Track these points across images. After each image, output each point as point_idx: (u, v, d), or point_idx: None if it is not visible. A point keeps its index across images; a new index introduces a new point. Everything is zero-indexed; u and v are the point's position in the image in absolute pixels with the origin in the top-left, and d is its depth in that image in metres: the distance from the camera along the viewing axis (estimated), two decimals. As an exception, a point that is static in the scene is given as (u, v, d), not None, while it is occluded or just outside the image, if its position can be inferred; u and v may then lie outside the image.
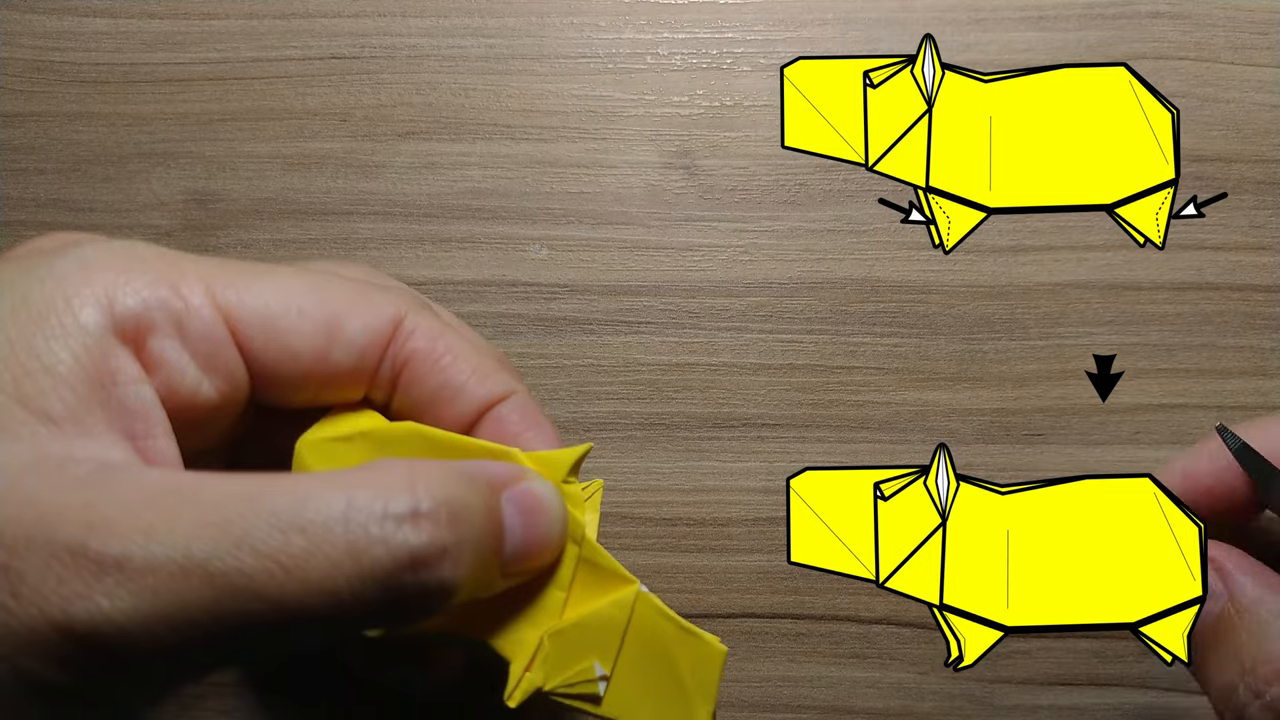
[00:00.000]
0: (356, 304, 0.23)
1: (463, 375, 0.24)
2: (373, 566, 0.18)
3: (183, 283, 0.21)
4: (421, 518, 0.18)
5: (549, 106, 0.34)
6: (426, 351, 0.24)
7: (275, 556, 0.18)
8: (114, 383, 0.20)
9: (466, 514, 0.19)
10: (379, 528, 0.18)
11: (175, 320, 0.21)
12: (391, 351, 0.24)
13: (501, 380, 0.25)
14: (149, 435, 0.20)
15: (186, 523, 0.18)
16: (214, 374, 0.22)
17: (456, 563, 0.19)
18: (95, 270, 0.21)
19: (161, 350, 0.21)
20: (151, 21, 0.35)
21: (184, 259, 0.22)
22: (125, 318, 0.20)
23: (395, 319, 0.24)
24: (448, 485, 0.19)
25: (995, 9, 0.35)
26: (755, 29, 0.35)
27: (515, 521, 0.21)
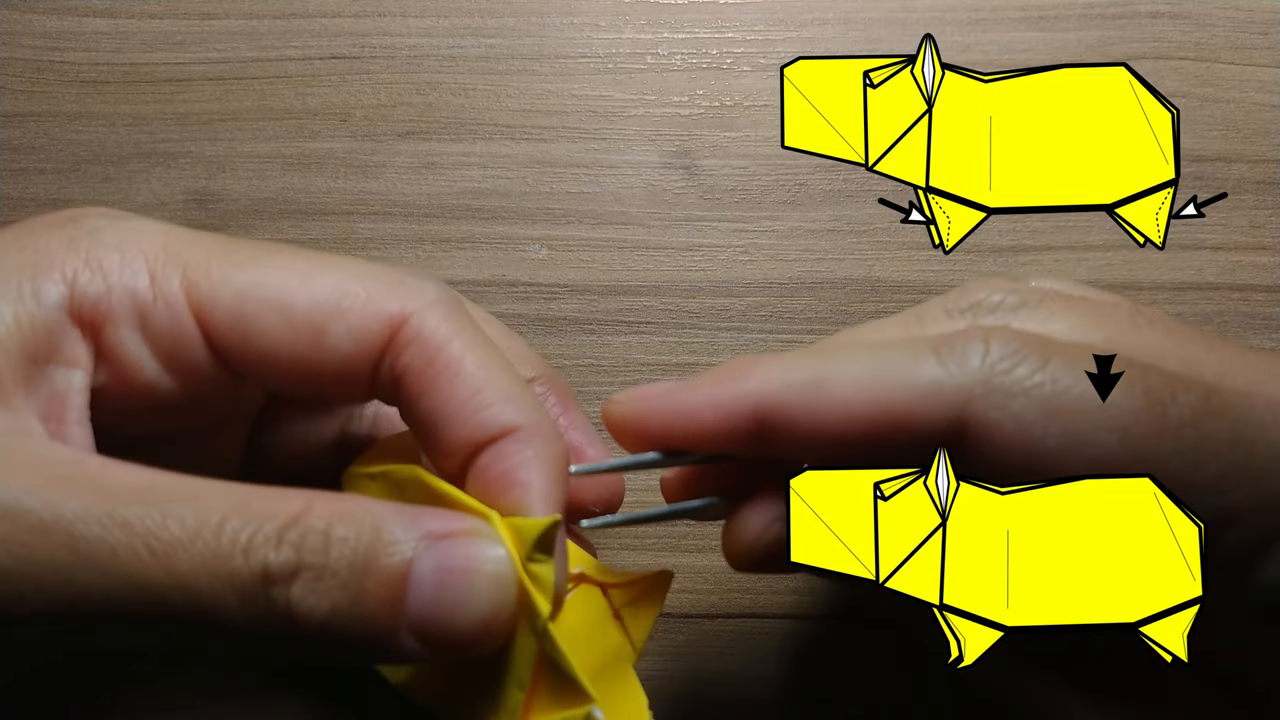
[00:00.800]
0: (349, 304, 0.21)
1: (458, 400, 0.21)
2: (231, 573, 0.17)
3: (161, 270, 0.21)
4: (286, 540, 0.18)
5: (549, 106, 0.34)
6: (420, 368, 0.21)
7: (145, 538, 0.17)
8: (46, 360, 0.20)
9: (341, 545, 0.18)
10: (247, 538, 0.18)
11: (138, 310, 0.21)
12: (388, 360, 0.21)
13: (507, 410, 0.21)
14: (62, 420, 0.20)
15: (66, 487, 0.17)
16: (175, 369, 0.21)
17: (311, 588, 0.18)
18: (77, 247, 0.20)
19: (118, 340, 0.21)
20: (151, 21, 0.35)
21: (183, 239, 0.21)
22: (85, 300, 0.20)
23: (394, 323, 0.21)
24: (335, 517, 0.18)
25: (995, 9, 0.35)
26: (755, 29, 0.35)
27: (429, 576, 0.19)
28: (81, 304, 0.20)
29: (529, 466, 0.21)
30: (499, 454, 0.21)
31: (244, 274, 0.21)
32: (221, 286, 0.21)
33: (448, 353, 0.21)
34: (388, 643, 0.19)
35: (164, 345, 0.21)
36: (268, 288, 0.21)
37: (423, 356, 0.21)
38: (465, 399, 0.21)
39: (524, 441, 0.21)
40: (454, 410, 0.21)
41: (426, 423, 0.21)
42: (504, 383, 0.21)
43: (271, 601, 0.18)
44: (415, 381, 0.21)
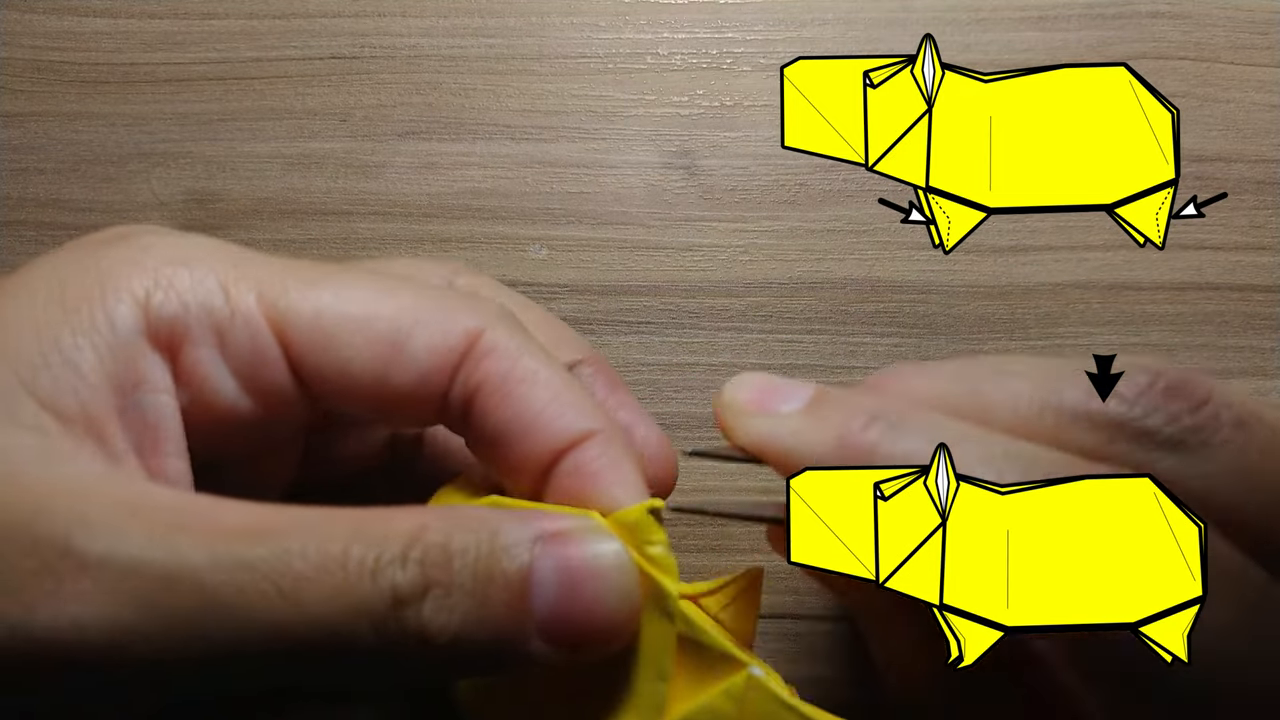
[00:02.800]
0: (425, 319, 0.21)
1: (537, 406, 0.21)
2: (361, 602, 0.17)
3: (234, 286, 0.20)
4: (411, 559, 0.18)
5: (549, 106, 0.34)
6: (500, 378, 0.21)
7: (273, 579, 0.17)
8: (135, 389, 0.19)
9: (462, 556, 0.18)
10: (371, 563, 0.17)
11: (216, 328, 0.20)
12: (463, 374, 0.21)
13: (582, 416, 0.21)
14: (160, 453, 0.19)
15: (186, 534, 0.17)
16: (254, 389, 0.20)
17: (441, 604, 0.18)
18: (142, 266, 0.20)
19: (197, 360, 0.20)
20: (151, 21, 0.35)
21: (246, 257, 0.21)
22: (160, 321, 0.19)
23: (470, 336, 0.21)
24: (452, 530, 0.18)
25: (995, 9, 0.35)
26: (755, 29, 0.35)
27: (549, 577, 0.19)
28: (158, 325, 0.19)
29: (617, 465, 0.21)
30: (583, 458, 0.21)
31: (320, 291, 0.21)
32: (300, 302, 0.20)
33: (526, 361, 0.21)
34: (518, 649, 0.19)
35: (244, 364, 0.20)
36: (346, 303, 0.21)
37: (500, 368, 0.21)
38: (542, 408, 0.21)
39: (605, 444, 0.21)
40: (532, 418, 0.21)
41: (502, 436, 0.21)
42: (575, 391, 0.21)
43: (404, 624, 0.18)
44: (493, 393, 0.21)
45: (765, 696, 0.20)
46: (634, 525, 0.20)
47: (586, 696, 0.20)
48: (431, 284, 0.22)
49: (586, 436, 0.21)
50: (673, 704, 0.20)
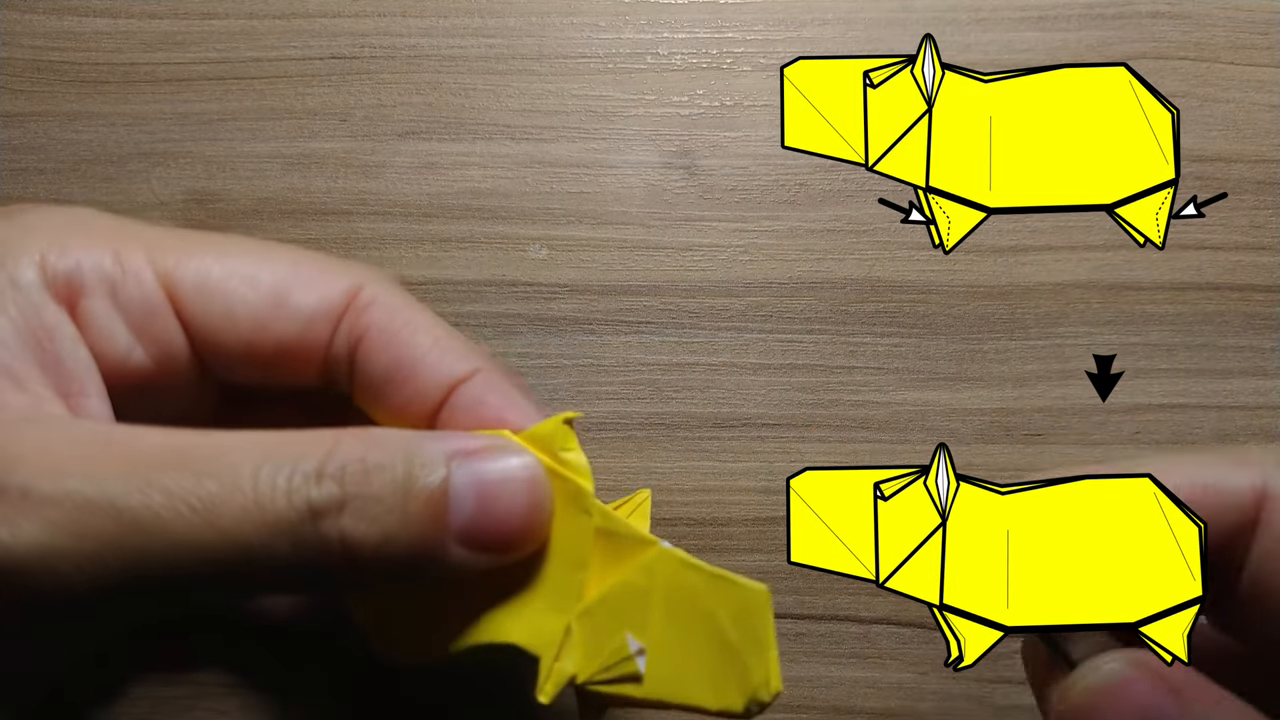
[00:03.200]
0: (308, 273, 0.23)
1: (421, 348, 0.23)
2: (276, 517, 0.18)
3: (123, 247, 0.21)
4: (326, 475, 0.19)
5: (549, 106, 0.34)
6: (384, 324, 0.23)
7: (186, 498, 0.18)
8: (50, 339, 0.20)
9: (379, 473, 0.19)
10: (285, 481, 0.18)
11: (108, 282, 0.21)
12: (345, 325, 0.23)
13: (466, 356, 0.23)
14: (83, 394, 0.20)
15: (102, 463, 0.18)
16: (147, 339, 0.22)
17: (359, 515, 0.19)
18: (35, 233, 0.21)
19: (93, 311, 0.21)
20: (151, 21, 0.35)
21: (132, 226, 0.22)
22: (58, 276, 0.21)
23: (350, 290, 0.23)
24: (365, 447, 0.19)
25: (995, 9, 0.35)
26: (755, 29, 0.35)
27: (467, 491, 0.20)
28: (57, 280, 0.21)
29: (505, 394, 0.23)
30: (471, 392, 0.23)
31: (206, 253, 0.22)
32: (187, 260, 0.22)
33: (407, 312, 0.23)
34: (438, 557, 0.20)
35: (135, 315, 0.21)
36: (231, 263, 0.22)
37: (382, 318, 0.23)
38: (429, 346, 0.23)
39: (489, 378, 0.23)
40: (416, 361, 0.23)
41: (387, 381, 0.23)
42: (455, 336, 0.23)
43: (323, 536, 0.18)
44: (376, 340, 0.22)
45: (674, 563, 0.21)
46: (549, 436, 0.22)
47: (505, 594, 0.22)
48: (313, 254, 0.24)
49: (471, 375, 0.22)
50: (590, 589, 0.22)
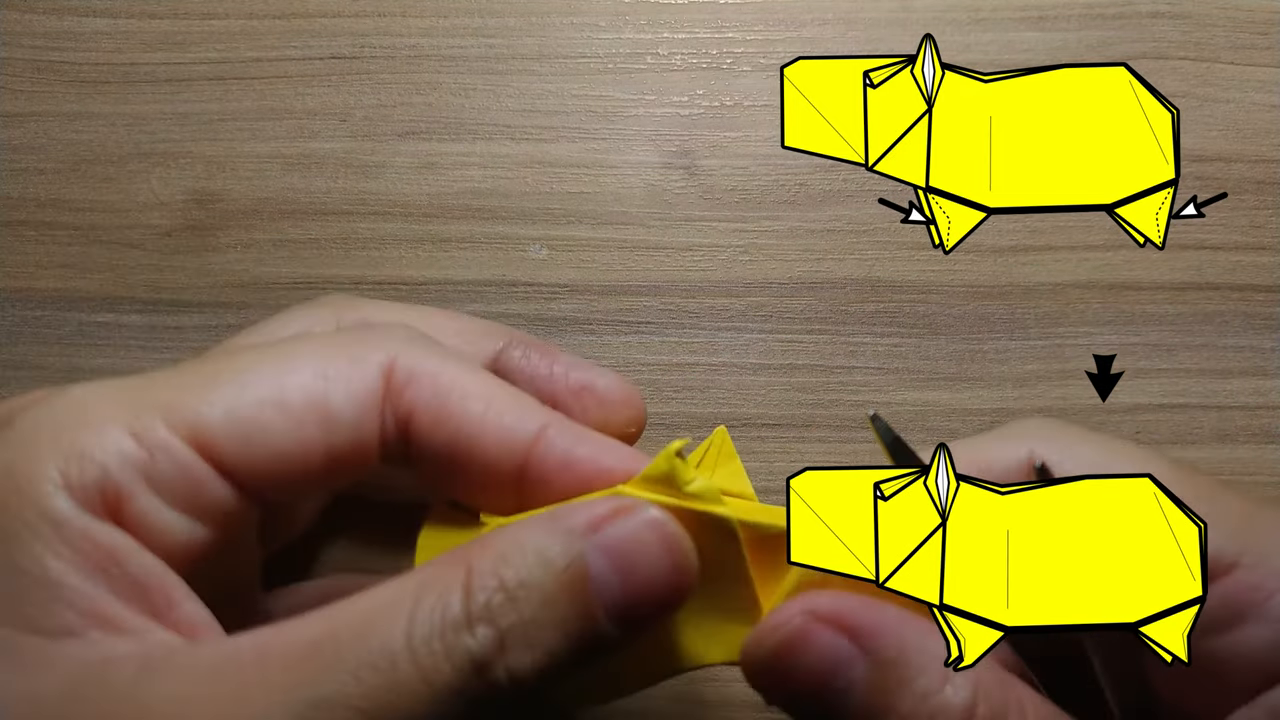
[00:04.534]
0: (334, 373, 0.20)
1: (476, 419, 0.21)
2: (444, 684, 0.17)
3: (137, 422, 0.19)
4: (476, 619, 0.17)
5: (549, 106, 0.34)
6: (427, 402, 0.21)
7: (355, 704, 0.16)
8: (115, 562, 0.18)
9: (524, 592, 0.18)
10: (440, 643, 0.17)
11: (141, 473, 0.19)
12: (388, 411, 0.21)
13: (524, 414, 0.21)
14: (173, 604, 0.19)
15: (257, 701, 0.17)
16: (199, 513, 0.20)
17: (521, 646, 0.17)
18: (40, 448, 0.18)
19: (140, 511, 0.19)
20: (151, 21, 0.35)
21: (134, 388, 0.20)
22: (89, 489, 0.18)
23: (384, 369, 0.21)
24: (508, 567, 0.18)
25: (995, 9, 0.35)
26: (755, 29, 0.35)
27: (605, 568, 0.19)
28: (87, 494, 0.18)
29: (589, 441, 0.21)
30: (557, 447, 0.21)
31: (223, 389, 0.20)
32: (207, 410, 0.19)
33: (447, 377, 0.21)
34: (597, 644, 0.19)
35: (180, 494, 0.19)
36: (252, 391, 0.20)
37: (427, 389, 0.21)
38: (483, 413, 0.21)
39: (562, 429, 0.21)
40: (479, 428, 0.21)
41: (451, 458, 0.21)
42: (504, 390, 0.21)
43: (492, 682, 0.17)
44: (425, 414, 0.21)
45: None
46: (665, 474, 0.20)
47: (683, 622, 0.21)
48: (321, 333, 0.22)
49: (540, 433, 0.21)
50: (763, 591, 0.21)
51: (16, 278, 0.34)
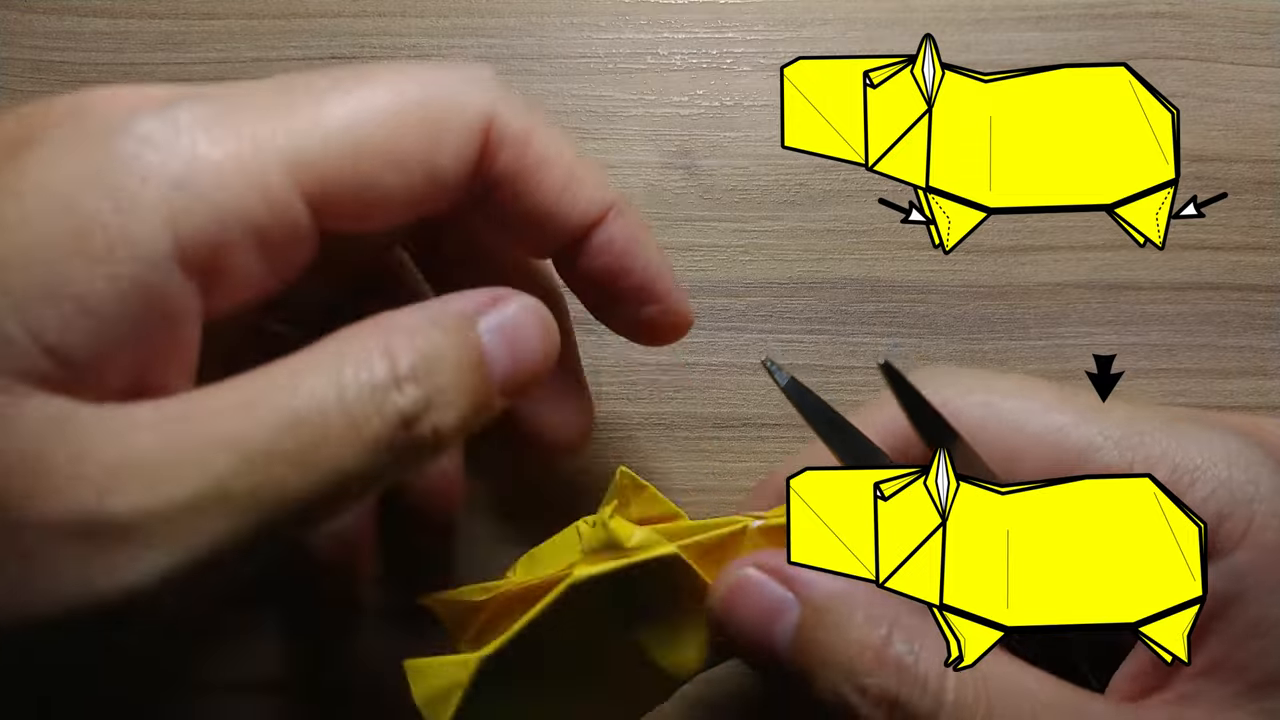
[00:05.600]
0: (444, 125, 0.21)
1: (554, 194, 0.23)
2: (374, 437, 0.18)
3: (263, 174, 0.19)
4: (403, 379, 0.19)
5: (549, 106, 0.34)
6: (514, 167, 0.22)
7: (287, 459, 0.18)
8: (152, 316, 0.18)
9: (442, 362, 0.19)
10: (370, 399, 0.18)
11: (257, 234, 0.19)
12: (482, 171, 0.22)
13: (598, 194, 0.24)
14: (167, 371, 0.19)
15: (192, 455, 0.17)
16: (287, 268, 0.20)
17: (443, 408, 0.19)
18: (156, 170, 0.18)
19: (236, 269, 0.19)
20: (151, 21, 0.35)
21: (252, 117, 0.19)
22: (197, 243, 0.18)
23: (484, 129, 0.22)
24: (418, 338, 0.19)
25: (995, 9, 0.35)
26: (755, 29, 0.35)
27: (499, 349, 0.21)
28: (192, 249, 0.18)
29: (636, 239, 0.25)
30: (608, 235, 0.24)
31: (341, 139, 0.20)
32: (326, 162, 0.20)
33: (536, 146, 0.23)
34: (491, 413, 0.21)
35: (280, 254, 0.20)
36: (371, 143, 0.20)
37: (514, 154, 0.23)
38: (561, 188, 0.23)
39: (619, 216, 0.24)
40: (555, 198, 0.23)
41: (525, 222, 0.23)
42: (585, 167, 0.24)
43: (417, 438, 0.19)
44: (511, 182, 0.23)
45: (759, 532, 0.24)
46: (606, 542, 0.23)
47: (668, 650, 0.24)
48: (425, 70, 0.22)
49: (607, 211, 0.24)
50: None
51: (16, 278, 0.34)
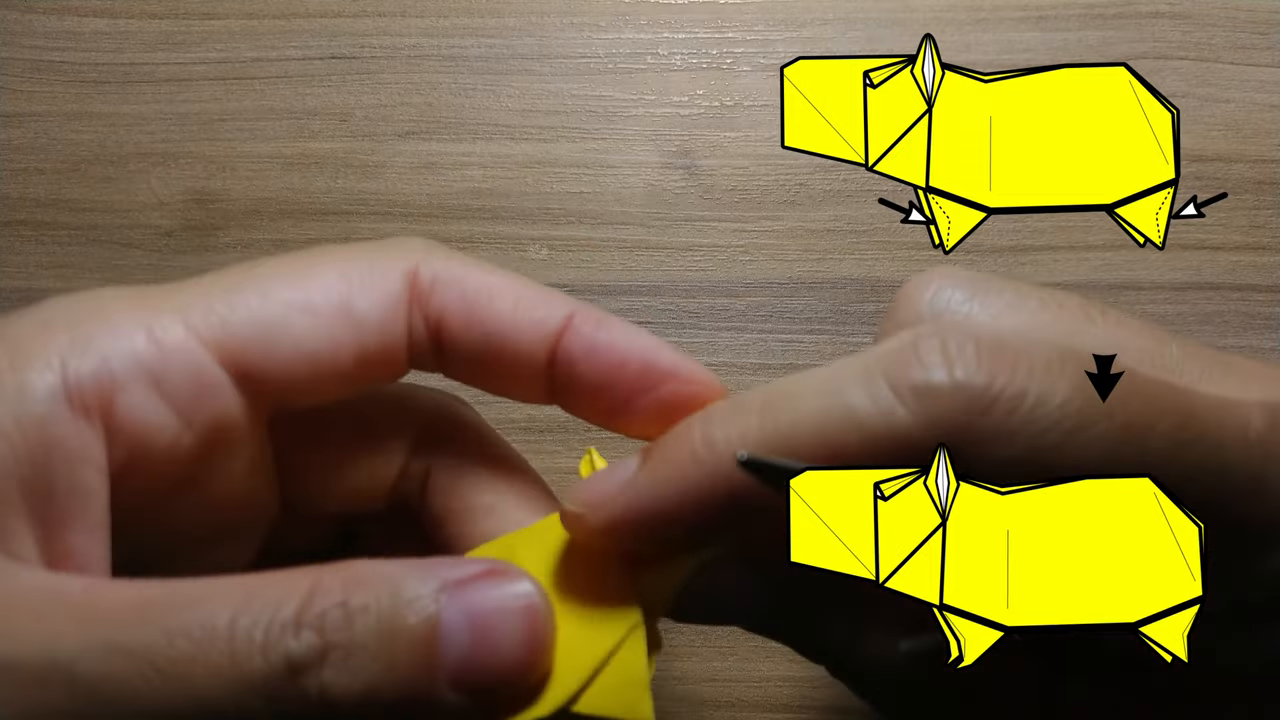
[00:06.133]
0: (358, 276, 0.20)
1: (506, 315, 0.21)
2: (250, 674, 0.16)
3: (155, 323, 0.19)
4: (305, 624, 0.17)
5: (549, 106, 0.34)
6: (457, 302, 0.21)
7: (153, 660, 0.16)
8: (44, 462, 0.18)
9: (362, 616, 0.17)
10: (262, 634, 0.17)
11: (146, 370, 0.19)
12: (417, 312, 0.21)
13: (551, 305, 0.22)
14: (68, 528, 0.18)
15: (56, 625, 0.16)
16: (198, 420, 0.19)
17: (340, 667, 0.17)
18: (52, 330, 0.18)
19: (129, 406, 0.18)
20: (151, 21, 0.35)
21: (158, 294, 0.20)
22: (83, 379, 0.18)
23: (408, 273, 0.21)
24: (349, 586, 0.17)
25: (995, 9, 0.35)
26: (755, 29, 0.35)
27: (459, 627, 0.18)
28: (82, 386, 0.18)
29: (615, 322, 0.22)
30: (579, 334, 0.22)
31: (246, 296, 0.20)
32: (228, 312, 0.19)
33: (474, 278, 0.22)
34: (429, 703, 0.18)
35: (184, 397, 0.19)
36: (275, 295, 0.20)
37: (455, 291, 0.21)
38: (513, 307, 0.21)
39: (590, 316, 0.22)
40: (508, 323, 0.21)
41: (484, 352, 0.21)
42: (531, 285, 0.22)
43: (302, 692, 0.17)
44: (456, 316, 0.21)
45: None
46: None
47: None
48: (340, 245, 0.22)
49: (569, 320, 0.22)
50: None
51: (16, 278, 0.34)
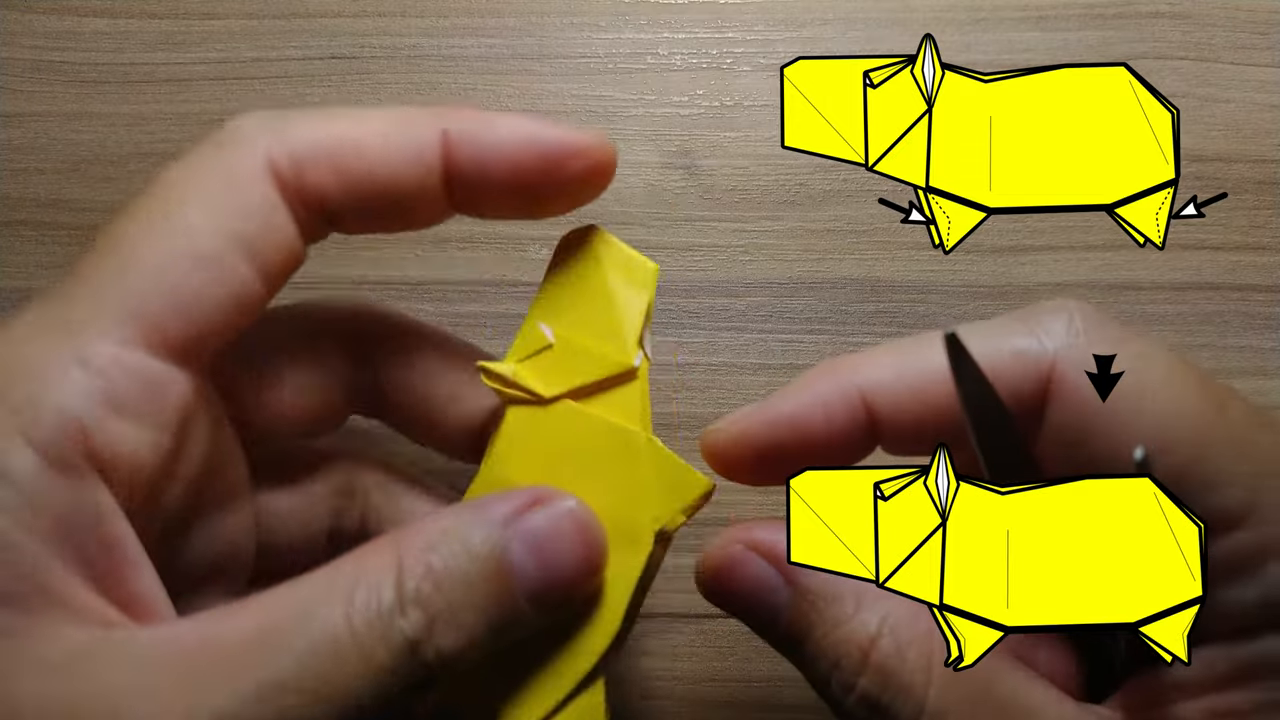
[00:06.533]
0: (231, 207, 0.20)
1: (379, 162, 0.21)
2: (380, 663, 0.18)
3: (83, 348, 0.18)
4: (408, 603, 0.19)
5: (549, 106, 0.34)
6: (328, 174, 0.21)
7: (299, 689, 0.17)
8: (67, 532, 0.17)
9: (449, 578, 0.19)
10: (379, 627, 0.18)
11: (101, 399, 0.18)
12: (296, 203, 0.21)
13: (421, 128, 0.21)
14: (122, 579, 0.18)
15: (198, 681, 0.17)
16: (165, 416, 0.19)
17: (448, 628, 0.19)
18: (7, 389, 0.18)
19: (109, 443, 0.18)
20: (151, 21, 0.35)
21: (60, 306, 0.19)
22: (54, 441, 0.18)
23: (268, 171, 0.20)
24: (432, 554, 0.19)
25: (995, 9, 0.35)
26: (755, 29, 0.35)
27: (526, 556, 0.20)
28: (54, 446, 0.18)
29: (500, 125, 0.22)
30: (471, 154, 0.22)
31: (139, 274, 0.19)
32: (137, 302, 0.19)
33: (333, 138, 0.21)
34: (515, 626, 0.20)
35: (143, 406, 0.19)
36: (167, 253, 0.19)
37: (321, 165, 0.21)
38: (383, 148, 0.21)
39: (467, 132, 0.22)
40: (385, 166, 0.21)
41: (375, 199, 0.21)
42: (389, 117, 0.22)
43: (423, 661, 0.19)
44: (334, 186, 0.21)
45: None
46: None
47: None
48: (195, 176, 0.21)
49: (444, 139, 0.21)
50: None
51: (16, 278, 0.34)
